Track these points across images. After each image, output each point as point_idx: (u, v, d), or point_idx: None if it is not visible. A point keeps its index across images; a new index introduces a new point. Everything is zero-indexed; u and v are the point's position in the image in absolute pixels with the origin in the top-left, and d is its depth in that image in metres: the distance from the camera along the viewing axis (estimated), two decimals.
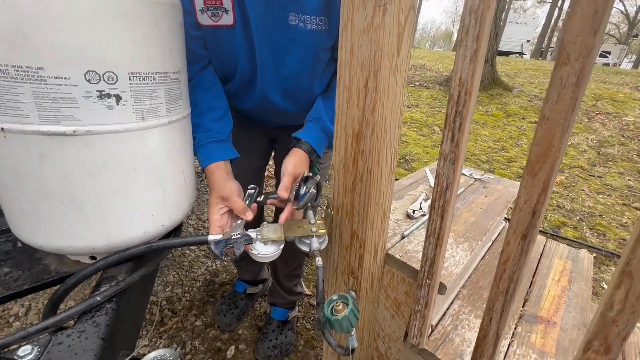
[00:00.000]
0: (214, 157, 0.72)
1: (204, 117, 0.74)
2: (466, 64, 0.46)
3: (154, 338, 1.17)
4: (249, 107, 0.91)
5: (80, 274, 0.51)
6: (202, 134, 0.73)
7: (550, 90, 0.39)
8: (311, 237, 0.62)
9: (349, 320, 0.50)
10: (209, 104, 0.76)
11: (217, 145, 0.74)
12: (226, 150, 0.75)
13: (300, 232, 0.62)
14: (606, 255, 1.99)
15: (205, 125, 0.73)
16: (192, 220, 1.90)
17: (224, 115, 0.79)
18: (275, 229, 0.62)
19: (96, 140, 0.46)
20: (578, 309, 0.88)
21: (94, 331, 0.47)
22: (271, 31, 0.71)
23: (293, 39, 0.72)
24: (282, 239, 0.61)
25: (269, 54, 0.75)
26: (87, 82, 0.43)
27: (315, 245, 0.61)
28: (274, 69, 0.77)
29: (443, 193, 0.54)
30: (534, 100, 5.42)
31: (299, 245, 0.63)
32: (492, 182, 1.23)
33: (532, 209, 0.44)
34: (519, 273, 0.48)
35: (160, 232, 0.60)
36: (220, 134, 0.75)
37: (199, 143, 0.72)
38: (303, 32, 0.71)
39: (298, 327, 1.28)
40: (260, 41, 0.72)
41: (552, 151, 0.41)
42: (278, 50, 0.74)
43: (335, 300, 0.53)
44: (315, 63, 0.78)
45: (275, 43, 0.73)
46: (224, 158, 0.73)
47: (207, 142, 0.73)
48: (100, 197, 0.50)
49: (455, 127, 0.50)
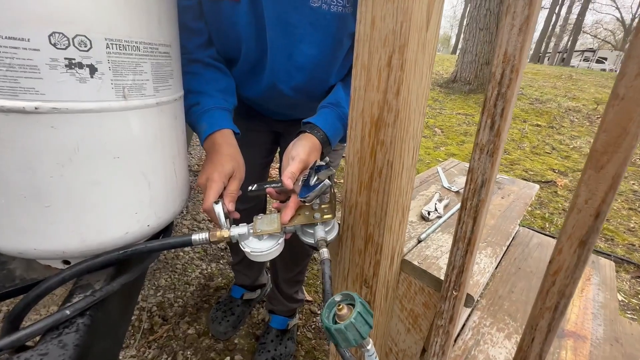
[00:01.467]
0: (223, 123, 0.62)
1: (209, 85, 0.65)
2: (514, 35, 0.38)
3: (142, 348, 1.08)
4: (254, 95, 0.81)
5: (43, 285, 0.42)
6: (207, 99, 0.63)
7: (628, 63, 0.32)
8: (315, 225, 0.52)
9: (355, 328, 0.36)
10: (214, 77, 0.67)
11: (224, 112, 0.65)
12: (232, 122, 0.66)
13: (301, 219, 0.52)
14: (616, 260, 1.92)
15: (210, 92, 0.64)
16: (187, 220, 1.81)
17: (230, 90, 0.69)
18: (270, 220, 0.52)
19: (65, 120, 0.38)
20: (607, 322, 0.80)
21: (59, 354, 0.39)
22: (288, 12, 0.61)
23: (314, 23, 0.62)
24: (280, 231, 0.51)
25: (282, 39, 0.65)
26: (52, 46, 0.35)
27: (321, 233, 0.51)
28: (287, 56, 0.67)
29: (477, 191, 0.46)
30: (534, 104, 5.39)
31: (302, 237, 0.53)
32: (507, 182, 1.15)
33: (596, 209, 0.36)
34: (572, 287, 0.40)
35: (146, 234, 0.51)
36: (227, 103, 0.66)
37: (203, 108, 0.62)
38: (327, 15, 0.61)
39: (298, 336, 1.20)
40: (272, 22, 0.62)
41: (626, 139, 0.33)
42: (294, 35, 0.64)
43: (338, 302, 0.39)
44: (337, 51, 0.68)
45: (291, 26, 0.63)
46: (232, 127, 0.64)
47: (214, 108, 0.63)
48: (72, 190, 0.41)
49: (496, 112, 0.42)
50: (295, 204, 0.53)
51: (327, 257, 0.47)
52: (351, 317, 0.36)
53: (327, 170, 0.53)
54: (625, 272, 1.84)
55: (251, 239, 0.51)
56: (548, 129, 4.44)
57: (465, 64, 5.70)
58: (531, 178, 2.96)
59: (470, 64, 5.60)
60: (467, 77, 5.73)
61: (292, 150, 0.60)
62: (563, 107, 5.28)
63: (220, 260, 1.55)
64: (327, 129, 0.64)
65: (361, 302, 0.38)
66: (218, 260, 1.54)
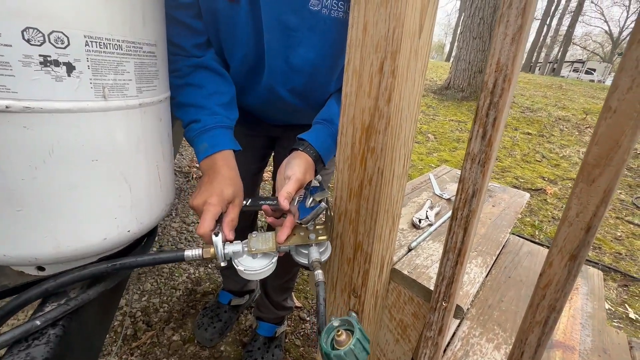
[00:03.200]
0: (225, 144, 0.61)
1: (211, 100, 0.63)
2: (507, 44, 0.38)
3: (124, 355, 1.04)
4: (253, 100, 0.79)
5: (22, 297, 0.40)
6: (209, 117, 0.62)
7: (621, 75, 0.31)
8: (309, 245, 0.52)
9: (354, 355, 0.38)
10: (216, 88, 0.65)
11: (227, 131, 0.63)
12: (234, 140, 0.65)
13: (296, 240, 0.52)
14: (603, 269, 1.94)
15: (213, 109, 0.63)
16: (176, 223, 1.78)
17: (232, 102, 0.68)
18: (265, 239, 0.52)
19: (39, 120, 0.36)
20: (596, 332, 0.80)
21: None
22: (287, 15, 0.60)
23: (313, 27, 0.61)
24: (275, 250, 0.51)
25: (280, 41, 0.63)
26: (25, 42, 0.33)
27: (315, 255, 0.51)
28: (284, 59, 0.66)
29: (468, 201, 0.45)
30: (525, 112, 5.47)
31: (296, 257, 0.53)
32: (498, 190, 1.16)
33: (587, 223, 0.36)
34: (562, 301, 0.40)
35: (125, 240, 0.49)
36: (230, 121, 0.65)
37: (206, 126, 0.61)
38: (327, 19, 0.60)
39: (287, 343, 1.17)
40: (270, 25, 0.61)
41: (618, 152, 0.33)
42: (292, 38, 0.63)
43: (337, 328, 0.41)
44: (337, 57, 0.67)
45: (289, 29, 0.62)
46: (235, 147, 0.63)
47: (217, 126, 0.62)
48: (46, 194, 0.39)
49: (488, 121, 0.41)
50: (291, 224, 0.53)
51: (321, 279, 0.47)
52: (350, 343, 0.38)
53: (323, 192, 0.53)
54: (612, 280, 1.86)
55: (245, 257, 0.51)
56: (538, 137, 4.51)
57: (458, 72, 5.77)
58: (521, 185, 3.00)
59: (464, 71, 5.68)
60: (460, 84, 5.80)
61: (287, 169, 0.59)
62: (553, 116, 5.38)
63: (209, 265, 1.52)
64: (319, 147, 0.64)
65: (359, 328, 0.39)
66: (206, 265, 1.51)
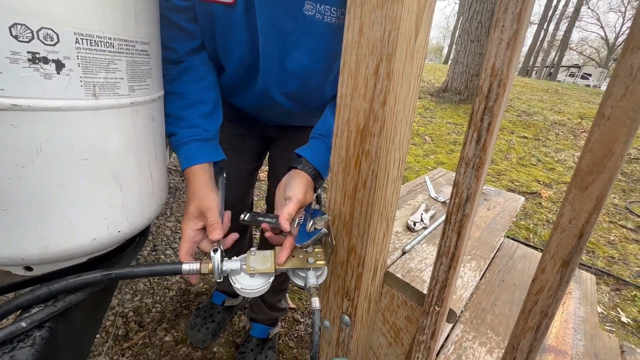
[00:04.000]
0: (198, 158, 0.61)
1: (190, 111, 0.63)
2: (502, 49, 0.38)
3: (115, 355, 1.03)
4: (247, 103, 0.79)
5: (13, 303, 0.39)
6: (185, 129, 0.62)
7: (615, 83, 0.31)
8: (307, 269, 0.53)
9: None
10: (199, 96, 0.65)
11: (202, 144, 0.63)
12: (212, 150, 0.65)
13: (294, 262, 0.53)
14: (596, 273, 1.96)
15: (191, 121, 0.62)
16: (171, 223, 1.77)
17: (214, 110, 0.67)
18: (264, 258, 0.53)
19: (27, 118, 0.35)
20: (588, 337, 0.81)
21: None
22: (281, 19, 0.60)
23: (307, 32, 0.61)
24: (273, 270, 0.52)
25: (275, 45, 0.64)
26: (13, 38, 0.32)
27: (313, 280, 0.52)
28: (279, 62, 0.66)
29: (462, 205, 0.45)
30: (522, 116, 5.51)
31: (292, 277, 0.54)
32: (493, 194, 1.16)
33: (579, 230, 0.36)
34: (554, 307, 0.40)
35: (116, 241, 0.48)
36: (207, 132, 0.64)
37: (181, 140, 0.61)
38: (320, 24, 0.60)
39: (280, 344, 1.17)
40: (264, 29, 0.61)
41: (611, 159, 0.33)
42: (287, 41, 0.63)
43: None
44: (331, 61, 0.67)
45: (283, 33, 0.62)
46: (209, 160, 0.63)
47: (191, 140, 0.62)
48: (33, 193, 0.39)
49: (482, 126, 0.41)
50: (291, 245, 0.53)
51: (318, 306, 0.48)
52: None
53: (323, 217, 0.54)
54: (605, 284, 1.88)
55: (242, 275, 0.52)
56: (534, 141, 4.54)
57: (456, 74, 5.80)
58: (517, 189, 3.02)
59: (461, 74, 5.71)
60: (457, 87, 5.83)
61: (287, 190, 0.59)
62: (549, 120, 5.42)
63: None
64: (317, 163, 0.63)
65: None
66: None
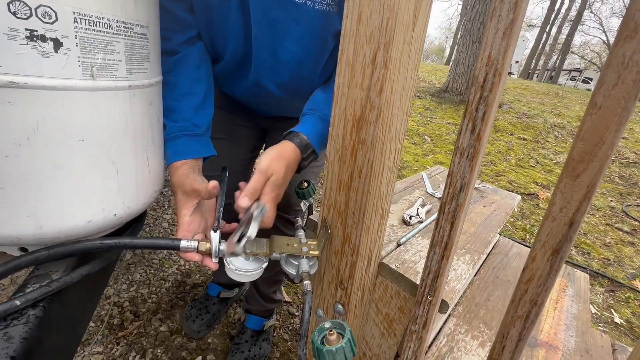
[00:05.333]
0: (186, 153, 0.60)
1: (182, 102, 0.62)
2: (498, 39, 0.38)
3: (110, 344, 1.03)
4: (241, 92, 0.80)
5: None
6: (175, 123, 0.61)
7: (607, 72, 0.31)
8: (301, 257, 0.54)
9: (344, 353, 0.40)
10: (190, 88, 0.64)
11: (191, 139, 0.62)
12: (202, 145, 0.64)
13: (289, 250, 0.54)
14: (591, 274, 1.97)
15: (182, 113, 0.62)
16: (168, 215, 1.77)
17: (205, 101, 0.67)
18: (260, 244, 0.54)
19: (24, 96, 0.35)
20: (579, 333, 0.81)
21: (2, 347, 0.36)
22: (272, 8, 0.60)
23: (298, 20, 0.62)
24: (268, 255, 0.53)
25: (267, 35, 0.64)
26: (11, 15, 0.32)
27: (305, 267, 0.52)
28: (272, 52, 0.66)
29: (456, 195, 0.45)
30: (522, 118, 5.52)
31: (285, 266, 0.54)
32: (490, 192, 1.17)
33: (570, 218, 0.36)
34: (544, 296, 0.40)
35: (111, 224, 0.49)
36: (197, 127, 0.64)
37: (170, 134, 0.61)
38: (310, 11, 0.60)
39: (274, 337, 1.17)
40: (257, 19, 0.61)
41: (602, 148, 0.33)
42: (278, 31, 0.63)
43: (328, 329, 0.44)
44: (322, 49, 0.67)
45: (275, 22, 0.62)
46: (197, 155, 0.62)
47: (180, 135, 0.61)
48: (29, 172, 0.39)
49: (477, 116, 0.41)
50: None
51: (309, 289, 0.49)
52: (342, 342, 0.41)
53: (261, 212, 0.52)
54: (599, 285, 1.89)
55: (238, 257, 0.52)
56: (533, 143, 4.55)
57: (457, 75, 5.80)
58: (515, 190, 3.02)
59: (462, 75, 5.71)
60: (458, 87, 5.83)
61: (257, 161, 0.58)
62: (549, 122, 5.43)
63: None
64: (308, 132, 0.63)
65: (350, 331, 0.43)
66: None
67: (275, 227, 0.94)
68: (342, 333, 0.43)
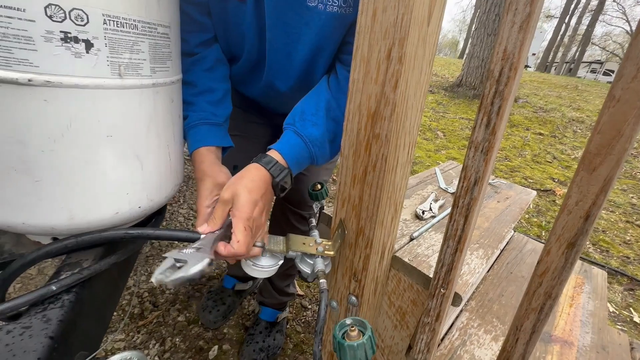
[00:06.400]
0: (207, 140, 0.63)
1: (200, 97, 0.65)
2: (514, 33, 0.38)
3: (132, 332, 1.08)
4: (253, 93, 0.82)
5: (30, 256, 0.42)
6: (195, 113, 0.64)
7: (626, 65, 0.31)
8: (316, 257, 0.55)
9: (365, 349, 0.41)
10: (208, 85, 0.66)
11: (211, 128, 0.65)
12: (221, 135, 0.66)
13: (305, 249, 0.55)
14: (610, 272, 1.92)
15: (201, 105, 0.64)
16: (184, 209, 1.81)
17: (224, 98, 0.69)
18: (277, 242, 0.56)
19: (59, 94, 0.38)
20: (595, 330, 0.80)
21: (42, 328, 0.39)
22: (285, 11, 0.61)
23: (309, 23, 0.62)
24: (285, 252, 0.55)
25: (281, 38, 0.65)
26: (48, 18, 0.34)
27: (320, 266, 0.54)
28: (285, 55, 0.67)
29: (470, 189, 0.46)
30: (538, 112, 5.37)
31: (299, 265, 0.56)
32: (504, 187, 1.15)
33: (586, 211, 0.36)
34: (558, 289, 0.40)
35: (136, 216, 0.51)
36: (216, 117, 0.66)
37: (191, 123, 0.63)
38: (322, 15, 0.61)
39: (287, 329, 1.20)
40: (271, 22, 0.62)
41: (620, 141, 0.33)
42: (291, 34, 0.64)
43: (350, 325, 0.44)
44: (333, 52, 0.68)
45: (288, 26, 0.63)
46: (218, 144, 0.64)
47: (201, 123, 0.64)
48: (63, 166, 0.41)
49: (492, 110, 0.42)
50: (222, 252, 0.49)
51: (326, 287, 0.51)
52: (363, 338, 0.42)
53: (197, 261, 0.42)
54: (618, 284, 1.84)
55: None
56: (550, 138, 4.43)
57: (471, 69, 5.68)
58: (530, 186, 2.96)
59: (477, 69, 5.58)
60: (472, 81, 5.71)
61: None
62: (567, 117, 5.27)
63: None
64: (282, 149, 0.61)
65: (371, 329, 0.44)
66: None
67: (289, 223, 0.97)
68: (363, 330, 0.44)
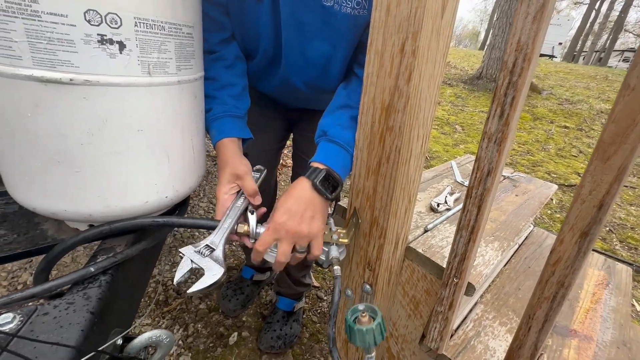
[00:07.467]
0: (230, 131, 0.66)
1: (222, 92, 0.68)
2: (528, 23, 0.38)
3: (157, 317, 1.14)
4: (270, 89, 0.85)
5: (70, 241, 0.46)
6: (218, 106, 0.67)
7: None
8: (331, 244, 0.57)
9: (374, 334, 0.43)
10: (229, 80, 0.70)
11: (234, 120, 0.68)
12: (243, 127, 0.70)
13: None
14: (638, 270, 1.84)
15: (223, 99, 0.68)
16: (204, 203, 1.88)
17: (243, 92, 0.73)
18: None
19: (96, 92, 0.41)
20: (617, 326, 0.79)
21: (84, 304, 0.43)
22: (301, 11, 0.63)
23: (326, 22, 0.64)
24: None
25: (296, 37, 0.67)
26: (86, 22, 0.38)
27: (335, 253, 0.56)
28: (300, 53, 0.70)
29: (483, 180, 0.46)
30: (564, 104, 5.15)
31: None
32: (523, 181, 1.13)
33: (599, 200, 0.36)
34: (571, 278, 0.41)
35: (163, 205, 0.55)
36: (238, 110, 0.70)
37: (215, 115, 0.67)
38: (337, 15, 0.62)
39: (304, 319, 1.23)
40: (287, 21, 0.65)
41: (634, 130, 0.33)
42: (307, 33, 0.66)
43: (361, 311, 0.46)
44: (348, 50, 0.69)
45: (303, 25, 0.65)
46: (240, 135, 0.68)
47: (224, 116, 0.67)
48: (99, 158, 0.45)
49: (506, 101, 0.42)
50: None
51: (339, 274, 0.53)
52: (373, 324, 0.44)
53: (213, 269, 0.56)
54: None
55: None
56: (576, 131, 4.24)
57: (492, 60, 5.50)
58: (554, 181, 2.86)
59: (498, 60, 5.40)
60: (493, 73, 5.53)
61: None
62: (595, 109, 5.02)
63: (233, 242, 1.60)
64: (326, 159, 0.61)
65: (382, 315, 0.45)
66: (231, 242, 1.60)
67: None
68: (373, 316, 0.46)
